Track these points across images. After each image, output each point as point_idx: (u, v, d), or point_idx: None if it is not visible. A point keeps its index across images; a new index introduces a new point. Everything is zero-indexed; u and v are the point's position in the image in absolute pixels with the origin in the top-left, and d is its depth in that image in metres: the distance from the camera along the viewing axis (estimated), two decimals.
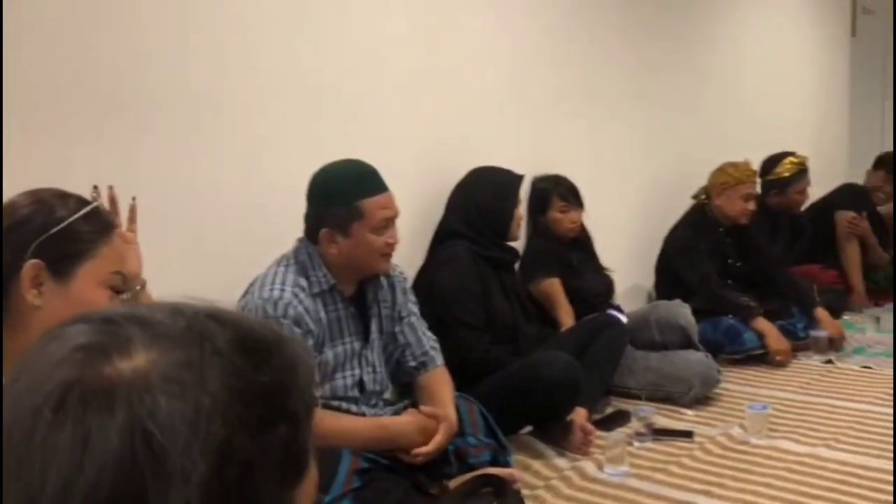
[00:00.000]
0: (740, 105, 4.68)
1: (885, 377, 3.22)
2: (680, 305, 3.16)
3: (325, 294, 2.03)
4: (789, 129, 5.08)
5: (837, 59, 5.85)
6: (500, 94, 3.12)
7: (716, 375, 2.99)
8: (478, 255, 2.59)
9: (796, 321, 3.64)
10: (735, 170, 3.64)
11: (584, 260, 3.21)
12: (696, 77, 4.33)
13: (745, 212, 3.63)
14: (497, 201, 2.66)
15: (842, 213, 4.48)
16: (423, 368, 2.19)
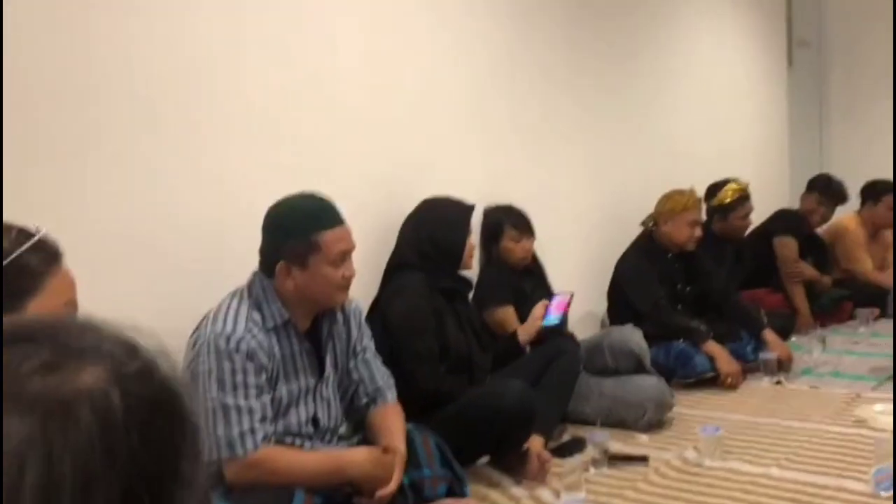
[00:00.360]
0: (686, 134, 4.78)
1: (832, 396, 3.28)
2: (632, 331, 3.19)
3: (279, 329, 2.00)
4: (732, 156, 5.20)
5: (776, 88, 6.02)
6: (452, 126, 3.14)
7: (669, 399, 3.01)
8: (431, 286, 2.58)
9: (745, 344, 3.69)
10: (681, 197, 3.71)
11: (536, 288, 3.22)
12: (644, 107, 4.41)
13: (692, 238, 3.69)
14: (448, 232, 2.66)
15: (780, 238, 4.60)
16: (374, 404, 2.17)
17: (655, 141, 4.51)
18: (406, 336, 2.46)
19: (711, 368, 3.44)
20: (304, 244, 1.96)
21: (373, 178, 2.78)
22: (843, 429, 2.88)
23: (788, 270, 4.54)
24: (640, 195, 4.07)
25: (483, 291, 3.07)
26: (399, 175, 2.88)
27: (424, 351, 2.47)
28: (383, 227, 2.75)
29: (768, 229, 4.71)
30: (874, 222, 5.05)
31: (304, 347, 2.05)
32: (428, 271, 2.59)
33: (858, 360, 3.89)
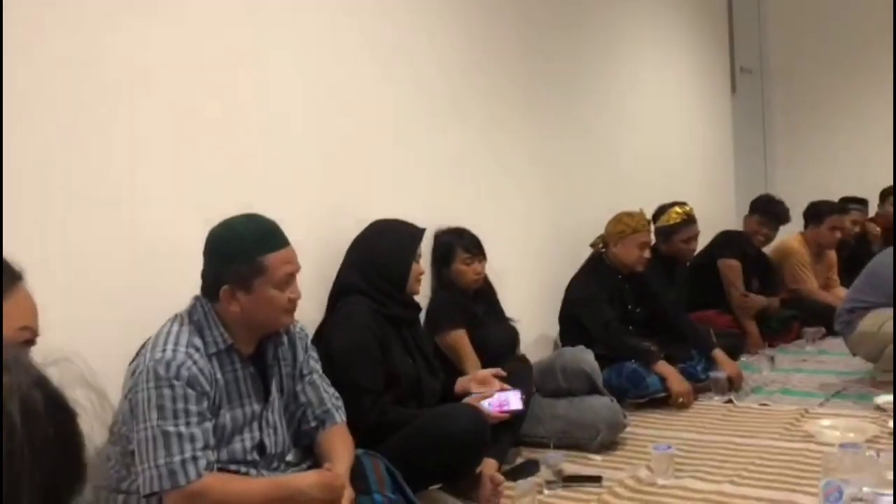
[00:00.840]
0: (633, 157, 4.85)
1: (782, 413, 3.31)
2: (583, 352, 3.18)
3: (221, 354, 1.94)
4: (679, 179, 5.27)
5: (720, 114, 6.14)
6: (399, 148, 3.13)
7: (621, 420, 3.00)
8: (378, 313, 2.54)
9: (696, 363, 3.71)
10: (630, 219, 3.73)
11: (488, 311, 3.21)
12: (591, 131, 4.46)
13: (641, 259, 3.72)
14: (395, 256, 2.62)
15: (723, 261, 4.67)
16: (321, 427, 2.11)
17: (603, 164, 4.55)
18: (349, 368, 2.40)
19: (663, 388, 3.45)
20: (248, 267, 1.91)
21: (316, 200, 2.74)
22: (792, 444, 2.90)
23: (738, 302, 4.59)
24: (590, 217, 4.09)
25: (435, 314, 3.05)
26: (343, 198, 2.84)
27: (367, 383, 2.41)
28: (327, 249, 2.70)
29: (712, 252, 4.77)
30: (818, 242, 5.15)
31: (249, 372, 1.99)
32: (374, 297, 2.55)
33: (807, 378, 3.94)
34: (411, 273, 2.63)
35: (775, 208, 4.74)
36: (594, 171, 4.46)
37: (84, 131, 2.08)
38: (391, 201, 2.94)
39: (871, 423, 3.03)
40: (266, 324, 1.99)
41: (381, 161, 3.03)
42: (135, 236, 2.20)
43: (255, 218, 1.99)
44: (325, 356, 2.37)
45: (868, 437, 2.84)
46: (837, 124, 6.86)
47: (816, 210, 5.13)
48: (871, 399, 3.36)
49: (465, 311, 3.09)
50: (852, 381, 3.79)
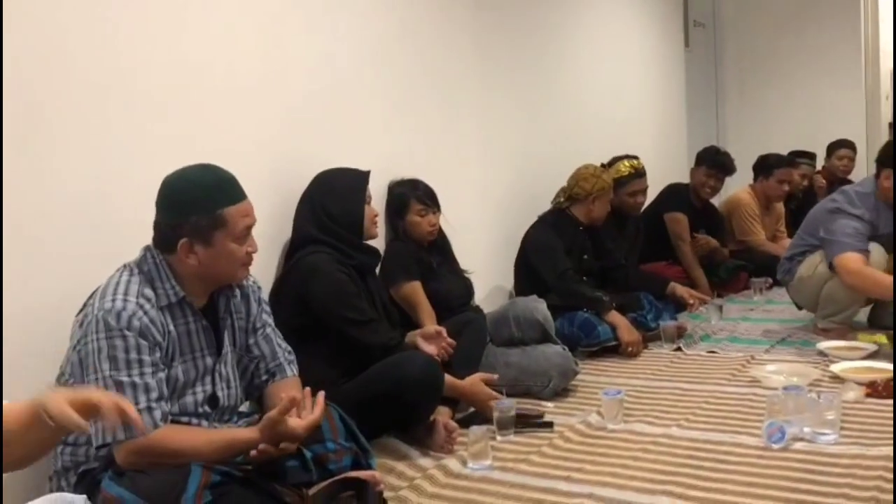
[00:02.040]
0: (589, 110, 4.85)
1: (729, 360, 3.39)
2: (536, 301, 3.20)
3: (173, 307, 1.90)
4: (633, 134, 5.30)
5: (673, 68, 6.16)
6: (353, 99, 3.08)
7: (573, 367, 3.04)
8: (342, 263, 2.52)
9: (646, 313, 3.78)
10: (597, 181, 3.75)
11: (442, 263, 3.20)
12: (547, 84, 4.44)
13: (604, 216, 3.78)
14: (346, 201, 2.60)
15: (670, 214, 4.72)
16: (272, 379, 2.10)
17: (559, 116, 4.54)
18: (335, 309, 2.44)
19: (614, 337, 3.50)
20: (208, 219, 1.86)
21: (269, 155, 2.68)
22: (738, 389, 2.98)
23: (684, 249, 4.66)
24: (546, 169, 4.10)
25: (389, 266, 3.03)
26: (296, 152, 2.79)
27: (358, 316, 2.46)
28: (280, 202, 2.67)
29: (658, 205, 4.81)
30: (766, 195, 5.23)
31: (201, 325, 1.96)
32: (335, 247, 2.53)
33: (753, 326, 4.03)
34: (365, 215, 2.61)
35: (721, 160, 4.78)
36: (549, 123, 4.45)
37: (41, 84, 2.00)
38: (345, 154, 2.90)
39: (814, 368, 3.11)
40: (223, 277, 1.96)
41: (335, 114, 2.98)
42: (88, 190, 2.14)
43: (211, 169, 1.94)
44: (296, 303, 2.39)
45: (810, 381, 2.92)
46: (789, 78, 6.93)
47: (765, 163, 5.20)
48: (813, 345, 3.45)
49: (419, 262, 3.08)
50: (796, 328, 3.89)
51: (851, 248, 3.42)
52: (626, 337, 3.50)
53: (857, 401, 2.73)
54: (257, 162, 2.61)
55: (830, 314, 3.59)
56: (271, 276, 2.63)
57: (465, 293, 3.23)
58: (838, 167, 5.92)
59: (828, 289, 3.55)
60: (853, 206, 3.52)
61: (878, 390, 2.77)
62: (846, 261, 3.42)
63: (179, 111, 2.38)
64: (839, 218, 3.51)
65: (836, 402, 2.42)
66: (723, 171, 4.79)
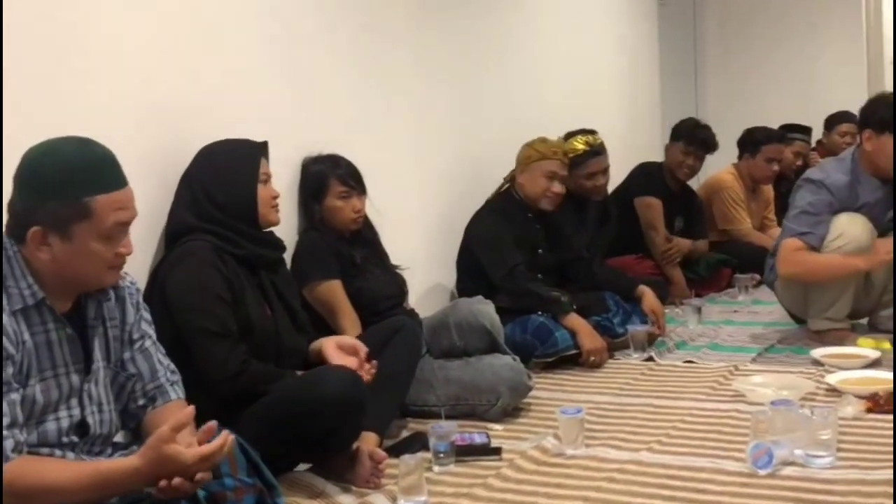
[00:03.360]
0: (549, 80, 4.88)
1: (709, 371, 3.42)
2: (482, 303, 3.19)
3: (29, 311, 1.83)
4: (598, 105, 5.34)
5: (645, 27, 6.22)
6: (258, 60, 3.02)
7: (526, 382, 3.04)
8: (226, 253, 2.46)
9: (612, 316, 3.79)
10: (543, 145, 3.77)
11: (369, 257, 3.17)
12: (502, 50, 4.47)
13: (548, 193, 3.73)
14: (232, 181, 2.52)
15: (641, 199, 4.76)
16: (151, 404, 2.04)
17: (514, 87, 4.57)
18: (191, 311, 2.35)
19: (574, 345, 3.51)
20: (69, 208, 1.80)
21: (151, 124, 2.61)
22: (719, 405, 3.00)
23: (660, 248, 4.71)
24: (497, 148, 4.11)
25: (303, 261, 3.00)
26: (184, 121, 2.72)
27: (216, 327, 2.35)
28: (165, 185, 2.59)
29: (629, 188, 4.85)
30: (753, 176, 5.31)
31: (65, 334, 1.89)
32: (219, 235, 2.46)
33: (738, 331, 4.09)
34: (260, 198, 2.55)
35: (701, 134, 4.84)
36: (504, 94, 4.47)
37: None
38: (249, 125, 2.84)
39: (807, 379, 3.16)
40: (83, 280, 1.89)
41: (233, 75, 2.92)
42: None
43: (88, 145, 1.87)
44: (160, 305, 2.32)
45: (803, 395, 2.96)
46: (780, 41, 7.06)
47: (752, 138, 5.27)
48: (807, 352, 3.51)
49: (340, 257, 3.05)
50: (787, 332, 3.95)
51: (791, 233, 3.55)
52: (588, 344, 3.51)
53: (857, 417, 2.78)
54: (138, 135, 2.53)
55: (823, 308, 3.65)
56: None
57: (395, 293, 3.21)
58: (839, 144, 6.01)
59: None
60: (819, 172, 3.66)
61: (880, 404, 2.83)
62: (781, 249, 3.56)
63: (49, 75, 2.30)
64: (800, 190, 3.66)
65: (833, 419, 2.45)
66: (703, 148, 4.85)
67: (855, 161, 3.66)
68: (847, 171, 3.61)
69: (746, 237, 5.20)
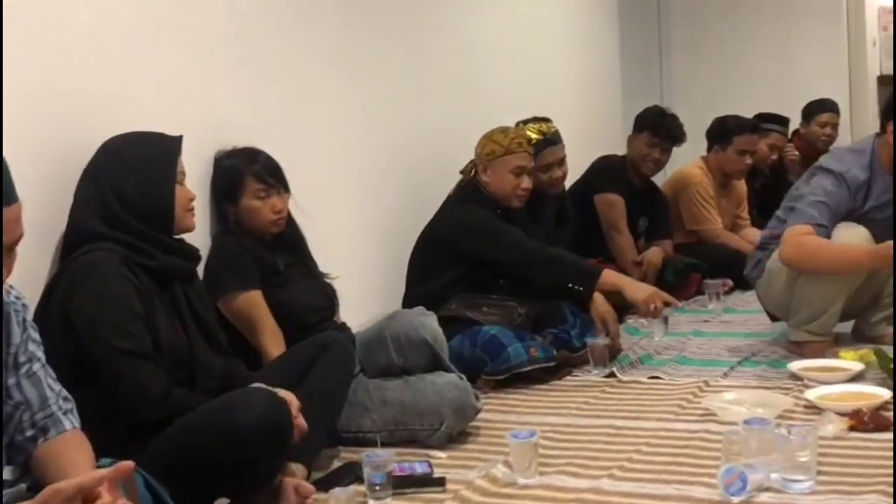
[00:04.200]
0: (495, 66, 4.92)
1: (676, 387, 3.45)
2: (423, 315, 3.19)
3: None
4: (553, 90, 5.37)
5: (604, 5, 6.27)
6: (164, 39, 2.99)
7: (473, 403, 3.03)
8: (134, 264, 2.43)
9: (569, 327, 3.82)
10: (504, 137, 3.81)
11: (294, 264, 3.16)
12: (441, 33, 4.49)
13: (518, 190, 3.78)
14: (147, 181, 2.50)
15: (601, 196, 4.79)
16: (42, 436, 1.99)
17: (462, 72, 4.61)
18: (106, 331, 2.33)
19: (528, 360, 3.50)
20: None
21: (43, 113, 2.56)
22: (688, 425, 3.03)
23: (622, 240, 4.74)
24: (445, 139, 4.12)
25: (217, 270, 2.97)
26: (82, 112, 2.68)
27: (138, 347, 2.35)
28: (58, 184, 2.55)
29: (587, 184, 4.88)
30: (724, 170, 5.38)
31: None
32: (127, 244, 2.43)
33: (708, 342, 4.14)
34: (176, 200, 2.52)
35: (667, 124, 4.89)
36: (451, 80, 4.50)
37: None
38: (151, 114, 2.81)
39: (784, 396, 3.20)
40: None
41: (137, 57, 2.88)
42: None
43: None
44: (60, 321, 2.30)
45: (780, 413, 2.99)
46: (753, 23, 7.14)
47: (723, 128, 5.34)
48: (784, 366, 3.55)
49: (260, 264, 3.03)
50: (763, 344, 4.01)
51: (805, 219, 3.53)
52: (641, 294, 3.70)
53: (838, 436, 2.81)
54: (32, 123, 2.48)
55: (804, 321, 3.70)
56: (41, 289, 2.49)
57: (324, 305, 3.20)
58: (819, 136, 6.13)
59: (801, 285, 3.65)
60: (838, 163, 3.64)
61: (863, 421, 2.86)
62: (791, 232, 3.54)
63: None
64: (816, 177, 3.64)
65: (812, 439, 2.48)
66: (669, 139, 4.89)
67: (875, 154, 3.65)
68: (866, 168, 3.61)
69: (717, 238, 5.27)
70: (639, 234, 5.02)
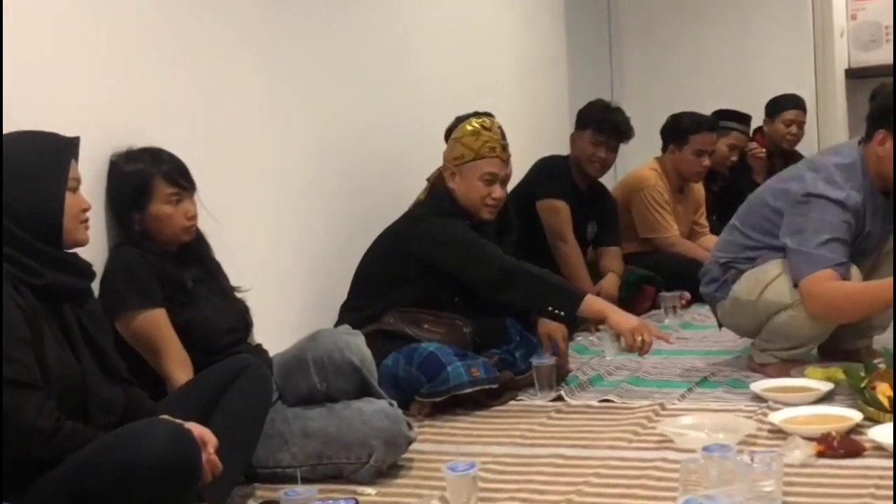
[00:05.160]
0: (427, 58, 4.94)
1: (630, 412, 3.46)
2: (349, 334, 3.16)
3: None
4: (492, 85, 5.38)
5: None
6: (48, 26, 2.94)
7: (405, 432, 3.01)
8: (22, 283, 2.37)
9: (513, 348, 3.84)
10: (475, 140, 3.78)
11: (202, 279, 3.13)
12: (383, 27, 4.55)
13: (489, 200, 3.79)
14: (33, 188, 2.44)
15: (543, 202, 4.79)
16: None
17: (396, 67, 4.63)
18: None
19: (469, 381, 3.49)
20: None
21: None
22: (643, 454, 3.04)
23: (569, 251, 4.76)
24: (381, 140, 4.10)
25: (116, 287, 2.93)
26: None
27: (25, 376, 2.29)
28: None
29: (529, 188, 4.88)
30: (680, 172, 5.42)
31: None
32: (9, 258, 2.37)
33: (664, 362, 4.17)
34: (67, 210, 2.48)
35: (613, 118, 4.89)
36: (383, 72, 4.52)
37: None
38: (38, 110, 2.75)
39: (746, 419, 3.23)
40: None
41: (19, 46, 2.82)
42: None
43: None
44: None
45: (742, 438, 3.02)
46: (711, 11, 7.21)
47: (678, 127, 5.39)
48: (746, 386, 3.60)
49: (165, 279, 3.00)
50: (724, 363, 4.05)
51: (826, 264, 3.42)
52: (625, 324, 3.58)
53: (806, 463, 2.83)
54: None
55: (776, 348, 3.74)
56: None
57: (237, 325, 3.18)
58: (784, 135, 6.19)
59: (783, 321, 3.66)
60: (833, 187, 3.49)
61: (833, 447, 2.89)
62: (810, 285, 3.44)
63: None
64: (813, 209, 3.48)
65: (777, 467, 2.50)
66: (615, 136, 4.90)
67: (863, 168, 3.55)
68: (861, 187, 3.50)
69: (673, 247, 5.30)
70: (587, 241, 5.04)
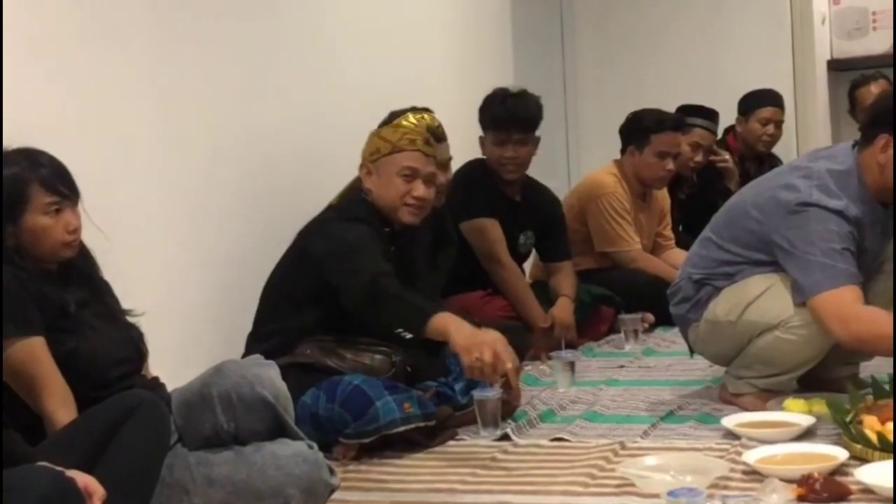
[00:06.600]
0: (361, 53, 5.01)
1: (586, 451, 3.46)
2: (261, 366, 3.12)
3: None
4: (428, 81, 5.41)
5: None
6: None
7: (326, 479, 2.97)
8: None
9: (453, 381, 3.84)
10: (394, 132, 3.82)
11: (87, 302, 3.10)
12: (298, 17, 4.57)
13: (408, 199, 3.76)
14: None
15: (470, 223, 4.77)
16: None
17: (313, 60, 4.68)
18: None
19: (402, 418, 3.47)
20: None
21: None
22: (601, 498, 3.04)
23: (508, 274, 4.76)
24: (296, 143, 4.15)
25: None
26: None
27: None
28: None
29: (451, 207, 4.86)
30: (641, 177, 5.44)
31: None
32: None
33: (624, 393, 4.19)
34: None
35: (510, 108, 4.83)
36: (299, 66, 4.57)
37: None
38: None
39: (718, 458, 3.23)
40: None
41: None
42: None
43: None
44: None
45: (712, 481, 3.02)
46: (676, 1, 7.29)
47: (639, 125, 5.42)
48: (717, 421, 3.60)
49: (44, 302, 2.97)
50: (692, 394, 4.06)
51: (851, 280, 3.42)
52: (462, 340, 3.34)
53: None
54: None
55: (754, 376, 3.76)
56: None
57: (129, 355, 3.15)
58: (759, 135, 6.23)
59: (766, 344, 3.67)
60: (829, 196, 3.49)
61: (815, 490, 2.89)
62: (837, 304, 3.41)
63: None
64: (812, 219, 3.48)
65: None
66: (520, 127, 4.84)
67: (860, 175, 3.56)
68: (858, 198, 3.51)
69: (634, 263, 5.32)
70: (521, 252, 5.02)
